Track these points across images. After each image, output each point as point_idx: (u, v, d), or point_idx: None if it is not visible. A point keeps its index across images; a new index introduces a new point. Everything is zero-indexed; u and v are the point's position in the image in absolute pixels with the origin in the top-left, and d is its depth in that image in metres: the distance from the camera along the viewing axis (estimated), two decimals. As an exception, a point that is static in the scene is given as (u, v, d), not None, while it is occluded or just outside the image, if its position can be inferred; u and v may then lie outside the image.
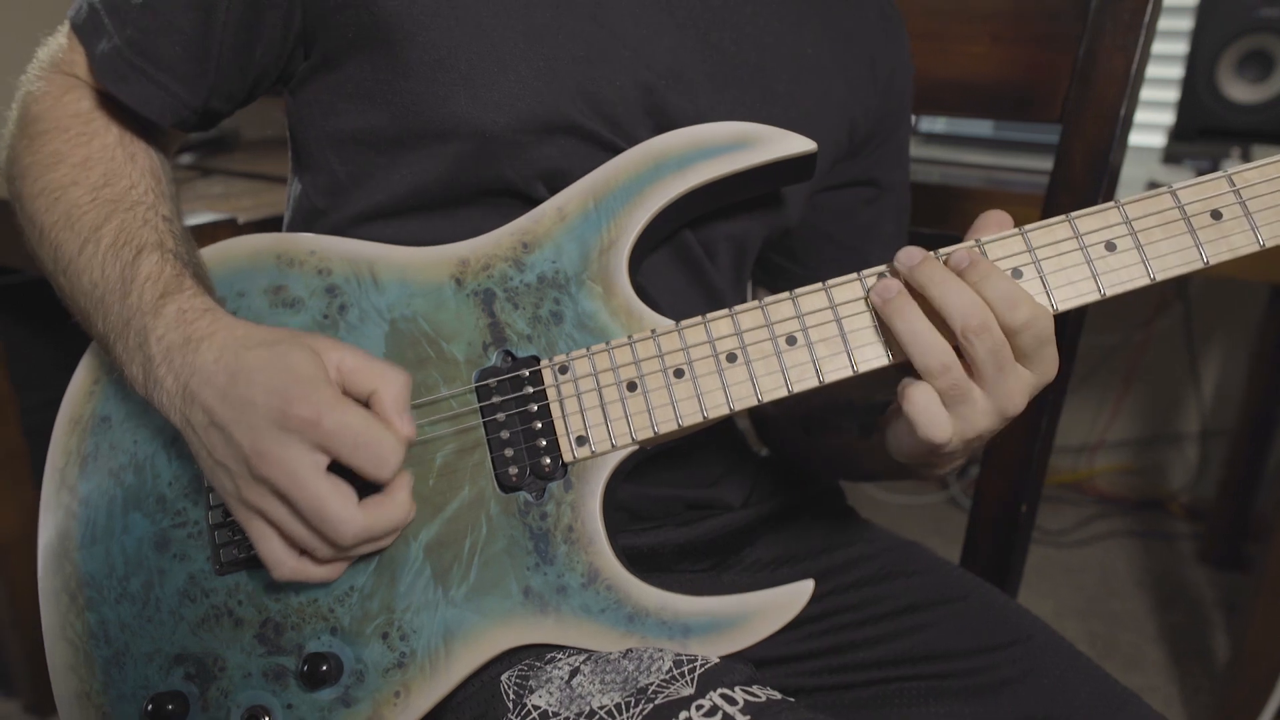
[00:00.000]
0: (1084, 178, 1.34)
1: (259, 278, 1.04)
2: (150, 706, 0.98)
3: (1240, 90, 2.10)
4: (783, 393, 0.95)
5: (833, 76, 1.16)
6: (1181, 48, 2.40)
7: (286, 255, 1.04)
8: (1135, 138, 1.31)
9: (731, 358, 0.96)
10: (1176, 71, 2.49)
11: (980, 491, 1.46)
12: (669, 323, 0.98)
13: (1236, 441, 2.92)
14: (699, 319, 0.97)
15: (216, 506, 1.00)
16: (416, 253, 1.04)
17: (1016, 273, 0.92)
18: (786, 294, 0.96)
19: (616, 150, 1.04)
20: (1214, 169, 2.01)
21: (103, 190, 0.99)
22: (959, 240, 1.33)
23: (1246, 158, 2.13)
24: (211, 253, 1.06)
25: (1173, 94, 2.50)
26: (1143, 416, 3.30)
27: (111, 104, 1.07)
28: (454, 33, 1.01)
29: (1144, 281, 0.91)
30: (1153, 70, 1.30)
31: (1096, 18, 1.32)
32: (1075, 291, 0.92)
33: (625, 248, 1.00)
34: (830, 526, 1.27)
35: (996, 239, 0.93)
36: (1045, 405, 1.38)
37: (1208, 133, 2.14)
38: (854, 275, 0.95)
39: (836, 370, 0.94)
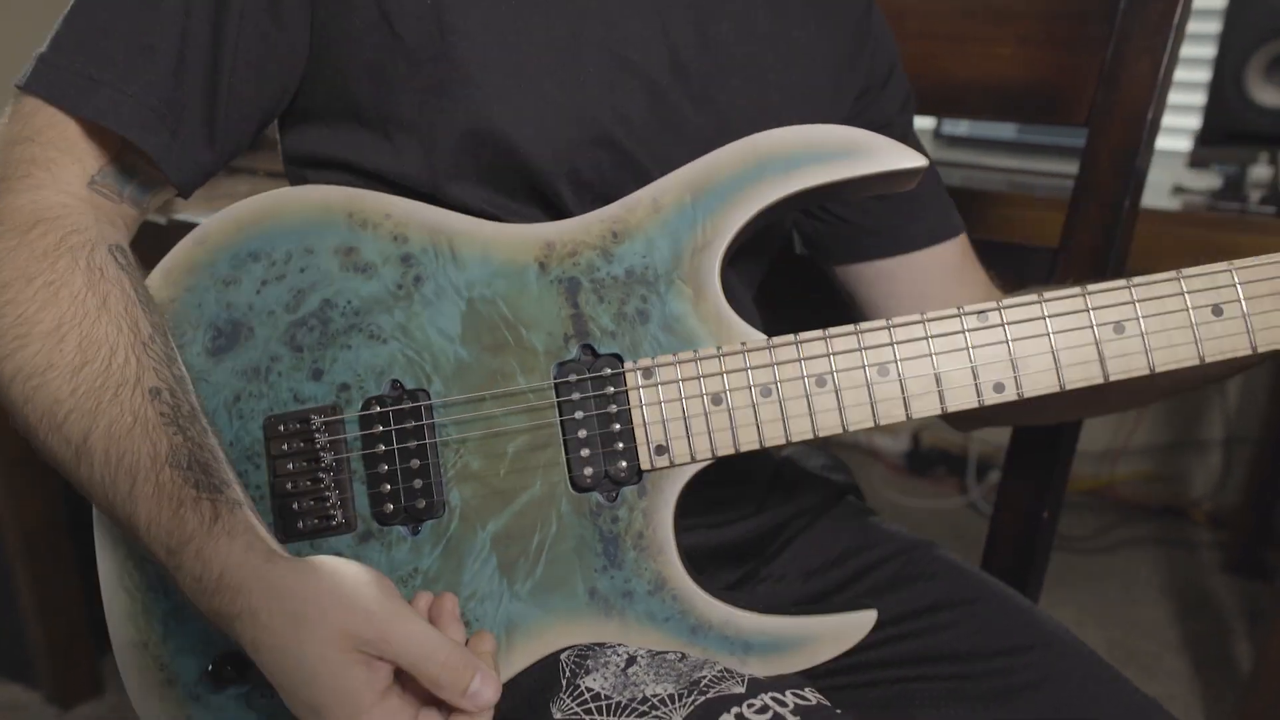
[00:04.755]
0: (1111, 181, 1.34)
1: (329, 235, 1.02)
2: (211, 667, 0.98)
3: (1269, 94, 2.08)
4: (869, 424, 0.94)
5: (821, 56, 1.16)
6: (1208, 51, 2.38)
7: (360, 215, 1.02)
8: (1160, 141, 1.30)
9: (821, 382, 0.95)
10: (1203, 75, 2.47)
11: (1002, 498, 1.45)
12: (760, 337, 0.97)
13: (1260, 449, 2.91)
14: (790, 337, 0.96)
15: (282, 475, 1.00)
16: (500, 229, 1.02)
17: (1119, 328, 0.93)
18: (884, 321, 0.95)
19: (636, 159, 1.05)
20: (1241, 174, 2.00)
21: (81, 374, 0.92)
22: (981, 242, 1.33)
23: (1275, 163, 2.11)
24: (278, 199, 1.03)
25: (1199, 98, 2.48)
26: (1166, 423, 3.28)
27: (71, 210, 0.99)
28: (478, 49, 1.01)
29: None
30: (1178, 74, 1.29)
31: (1124, 20, 1.32)
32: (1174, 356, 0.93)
33: (719, 250, 0.98)
34: (852, 532, 1.26)
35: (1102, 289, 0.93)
36: (1069, 411, 1.37)
37: (1235, 137, 2.12)
38: (954, 310, 0.94)
39: (925, 409, 0.94)
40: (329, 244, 1.02)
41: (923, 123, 2.61)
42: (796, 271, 1.42)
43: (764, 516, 1.22)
